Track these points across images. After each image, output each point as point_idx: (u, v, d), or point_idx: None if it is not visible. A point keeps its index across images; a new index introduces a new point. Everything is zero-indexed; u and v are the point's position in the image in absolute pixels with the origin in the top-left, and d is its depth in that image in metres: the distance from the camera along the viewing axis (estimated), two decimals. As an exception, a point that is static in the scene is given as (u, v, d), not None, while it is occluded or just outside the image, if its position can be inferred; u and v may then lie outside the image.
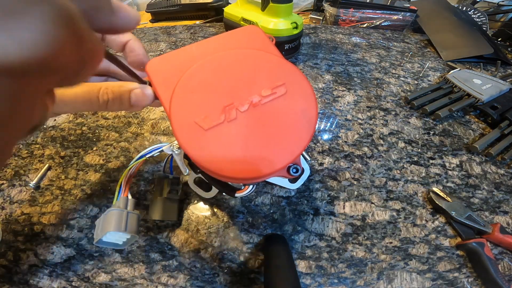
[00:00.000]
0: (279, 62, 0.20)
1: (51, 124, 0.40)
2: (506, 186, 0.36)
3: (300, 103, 0.19)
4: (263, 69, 0.20)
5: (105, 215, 0.23)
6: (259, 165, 0.17)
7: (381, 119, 0.43)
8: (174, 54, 0.21)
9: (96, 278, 0.28)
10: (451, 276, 0.29)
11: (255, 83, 0.19)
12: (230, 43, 0.22)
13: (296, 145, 0.18)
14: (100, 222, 0.23)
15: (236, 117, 0.18)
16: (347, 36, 0.62)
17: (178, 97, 0.18)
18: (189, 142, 0.17)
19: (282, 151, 0.17)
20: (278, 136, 0.18)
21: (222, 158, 0.17)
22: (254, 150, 0.17)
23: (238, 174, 0.17)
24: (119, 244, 0.24)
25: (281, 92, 0.19)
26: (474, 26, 0.62)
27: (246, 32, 0.22)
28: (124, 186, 0.26)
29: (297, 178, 0.27)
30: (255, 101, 0.18)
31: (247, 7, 0.52)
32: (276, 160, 0.17)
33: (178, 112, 0.18)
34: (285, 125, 0.18)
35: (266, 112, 0.18)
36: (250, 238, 0.31)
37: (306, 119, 0.18)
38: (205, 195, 0.30)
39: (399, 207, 0.33)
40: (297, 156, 0.18)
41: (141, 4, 0.81)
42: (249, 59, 0.20)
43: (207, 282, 0.28)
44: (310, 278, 0.28)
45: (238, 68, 0.19)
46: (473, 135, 0.42)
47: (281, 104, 0.19)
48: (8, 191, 0.33)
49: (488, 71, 0.55)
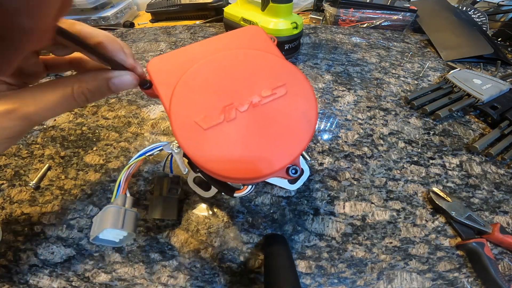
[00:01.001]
0: (280, 63, 0.20)
1: (51, 124, 0.40)
2: (506, 186, 0.36)
3: (300, 104, 0.19)
4: (263, 70, 0.20)
5: (103, 212, 0.23)
6: (258, 165, 0.17)
7: (381, 119, 0.43)
8: (175, 53, 0.21)
9: (96, 278, 0.28)
10: (451, 276, 0.29)
11: (255, 84, 0.19)
12: (231, 43, 0.22)
13: (295, 146, 0.18)
14: (97, 219, 0.23)
15: (235, 117, 0.18)
16: (347, 36, 0.62)
17: (178, 96, 0.18)
18: (188, 141, 0.17)
19: (281, 151, 0.17)
20: (278, 136, 0.18)
21: (221, 158, 0.17)
22: (253, 151, 0.17)
23: (237, 174, 0.17)
24: (116, 242, 0.23)
25: (281, 93, 0.19)
26: (474, 26, 0.62)
27: (247, 32, 0.22)
28: (123, 184, 0.26)
29: (297, 179, 0.27)
30: (255, 102, 0.18)
31: (247, 7, 0.52)
32: (275, 161, 0.17)
33: (178, 111, 0.18)
34: (285, 126, 0.18)
35: (266, 112, 0.18)
36: (250, 238, 0.31)
37: (306, 120, 0.18)
38: (204, 194, 0.30)
39: (399, 207, 0.33)
40: (296, 157, 0.18)
41: (141, 4, 0.81)
42: (250, 59, 0.20)
43: (207, 282, 0.28)
44: (310, 278, 0.28)
45: (239, 68, 0.19)
46: (473, 135, 0.42)
47: (281, 105, 0.18)
48: (8, 191, 0.33)
49: (488, 71, 0.55)
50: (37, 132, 0.39)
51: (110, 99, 0.44)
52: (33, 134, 0.39)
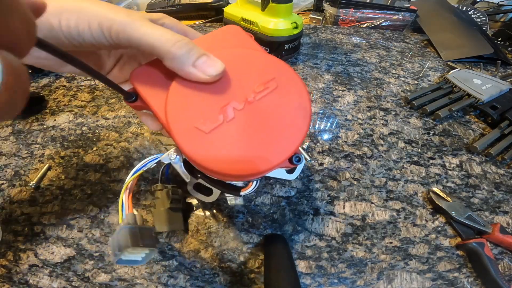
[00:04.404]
0: (266, 58, 0.20)
1: (51, 124, 0.40)
2: (506, 186, 0.36)
3: (292, 93, 0.19)
4: (252, 66, 0.20)
5: (118, 234, 0.22)
6: (265, 158, 0.17)
7: (381, 119, 0.43)
8: (158, 61, 0.19)
9: (96, 278, 0.28)
10: (451, 276, 0.29)
11: (247, 81, 0.19)
12: (213, 44, 0.21)
13: (296, 133, 0.18)
14: (114, 241, 0.22)
15: (234, 116, 0.18)
16: (347, 36, 0.62)
17: (173, 104, 0.18)
18: (194, 148, 0.17)
19: (285, 141, 0.18)
20: (278, 127, 0.18)
21: (229, 159, 0.17)
22: (258, 145, 0.18)
23: (247, 171, 0.17)
24: (139, 260, 0.23)
25: (273, 86, 0.19)
26: (474, 26, 0.62)
27: (226, 32, 0.23)
28: (127, 203, 0.25)
29: (294, 169, 0.27)
30: (250, 99, 0.18)
31: (247, 7, 0.52)
32: (281, 151, 0.18)
33: (177, 120, 0.18)
34: (283, 117, 0.19)
35: (262, 107, 0.19)
36: (250, 238, 0.31)
37: (301, 108, 0.19)
38: (206, 199, 0.30)
39: (399, 207, 0.33)
40: (299, 144, 0.18)
41: (141, 4, 0.81)
42: (237, 58, 0.20)
43: (207, 282, 0.28)
44: (310, 278, 0.28)
45: (228, 68, 0.19)
46: (473, 135, 0.42)
47: (275, 97, 0.19)
48: (8, 191, 0.33)
49: (488, 71, 0.55)
50: (37, 132, 0.39)
51: (110, 99, 0.44)
52: (33, 134, 0.39)
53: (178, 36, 0.17)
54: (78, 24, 0.16)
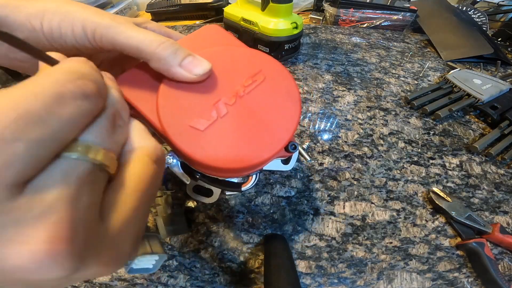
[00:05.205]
0: (250, 52, 0.21)
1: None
2: (506, 186, 0.36)
3: (279, 82, 0.20)
4: (237, 62, 0.20)
5: None
6: (262, 149, 0.18)
7: (381, 119, 0.43)
8: (143, 64, 0.19)
9: (96, 278, 0.28)
10: (451, 276, 0.29)
11: (234, 76, 0.20)
12: (196, 44, 0.22)
13: (290, 120, 0.19)
14: None
15: (227, 112, 0.18)
16: (347, 36, 0.62)
17: (165, 106, 0.18)
18: (193, 148, 0.17)
19: (279, 130, 0.19)
20: (271, 118, 0.19)
21: (228, 153, 0.17)
22: (254, 137, 0.18)
23: (247, 163, 0.17)
24: (150, 268, 0.23)
25: (261, 79, 0.20)
26: (474, 26, 0.62)
27: (207, 31, 0.23)
28: None
29: (289, 159, 0.27)
30: (240, 93, 0.19)
31: (247, 7, 0.52)
32: (277, 141, 0.18)
33: (171, 122, 0.17)
34: (274, 106, 0.19)
35: (253, 99, 0.19)
36: (250, 238, 0.31)
37: (290, 96, 0.20)
38: (207, 200, 0.30)
39: (399, 207, 0.33)
40: (294, 130, 0.19)
41: (141, 4, 0.81)
42: (222, 55, 0.20)
43: (207, 282, 0.28)
44: (310, 278, 0.28)
45: (215, 66, 0.19)
46: (473, 135, 0.42)
47: (264, 89, 0.20)
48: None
49: (488, 71, 0.55)
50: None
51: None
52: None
53: (163, 38, 0.17)
54: (60, 26, 0.16)
